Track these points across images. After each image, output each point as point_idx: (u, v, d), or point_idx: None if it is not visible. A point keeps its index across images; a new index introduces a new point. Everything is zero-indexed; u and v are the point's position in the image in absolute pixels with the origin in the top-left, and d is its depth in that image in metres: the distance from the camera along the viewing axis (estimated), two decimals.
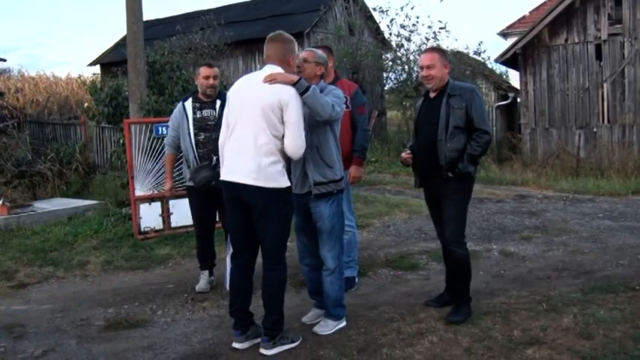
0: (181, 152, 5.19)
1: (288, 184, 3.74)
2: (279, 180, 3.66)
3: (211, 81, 5.02)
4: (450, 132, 4.10)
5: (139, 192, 7.25)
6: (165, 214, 7.32)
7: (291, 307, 4.67)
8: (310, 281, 4.31)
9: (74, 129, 13.19)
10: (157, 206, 7.31)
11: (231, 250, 4.11)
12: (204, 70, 5.07)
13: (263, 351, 3.78)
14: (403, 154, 4.41)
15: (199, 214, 5.17)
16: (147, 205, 7.26)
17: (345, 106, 4.26)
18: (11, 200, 8.80)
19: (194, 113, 5.04)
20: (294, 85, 3.63)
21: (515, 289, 4.89)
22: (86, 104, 15.03)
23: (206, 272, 5.23)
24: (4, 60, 15.10)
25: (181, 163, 5.42)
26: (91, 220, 7.93)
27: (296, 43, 3.94)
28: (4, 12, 68.01)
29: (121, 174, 9.61)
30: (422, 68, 4.24)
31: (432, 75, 4.18)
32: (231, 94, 3.84)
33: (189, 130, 5.00)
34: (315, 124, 3.84)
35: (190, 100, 5.12)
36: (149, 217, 7.25)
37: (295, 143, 3.64)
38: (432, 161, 4.15)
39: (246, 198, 3.66)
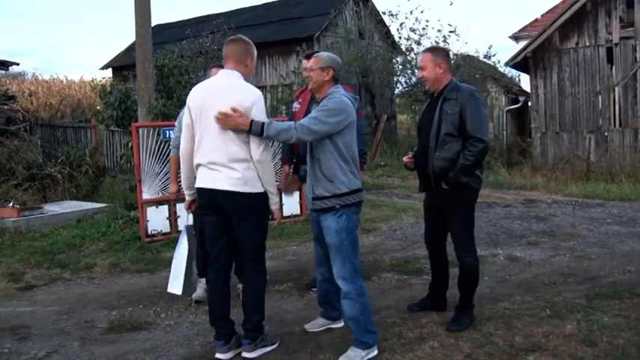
0: None
1: (263, 189, 3.75)
2: (255, 185, 3.68)
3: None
4: (441, 139, 3.94)
5: (147, 195, 7.29)
6: (173, 218, 7.35)
7: (293, 310, 4.70)
8: (320, 290, 4.24)
9: (85, 132, 13.30)
10: (164, 209, 7.35)
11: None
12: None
13: (245, 354, 3.80)
14: (405, 158, 4.37)
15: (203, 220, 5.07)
16: (154, 208, 7.30)
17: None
18: (21, 203, 8.88)
19: None
20: (248, 132, 3.56)
21: (520, 294, 4.86)
22: (98, 107, 15.17)
23: (203, 280, 5.06)
24: (17, 64, 15.22)
25: None
26: (100, 222, 7.98)
27: (254, 48, 3.85)
28: (20, 16, 68.72)
29: (130, 177, 9.66)
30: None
31: (424, 76, 4.10)
32: (192, 102, 3.75)
33: None
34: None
35: None
36: (156, 220, 7.28)
37: (256, 149, 3.62)
38: (426, 169, 4.07)
39: (225, 204, 3.66)
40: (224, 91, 3.64)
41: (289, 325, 4.36)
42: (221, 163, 3.63)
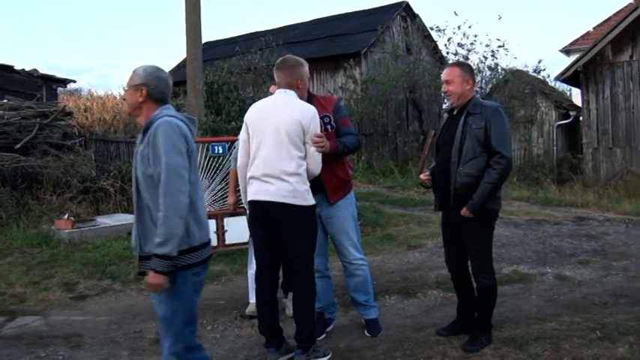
0: None
1: (314, 202, 3.87)
2: (307, 198, 3.82)
3: None
4: (465, 154, 3.87)
5: None
6: (220, 232, 7.46)
7: (338, 325, 4.70)
8: None
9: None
10: (211, 223, 7.44)
11: (253, 267, 4.21)
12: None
13: None
14: (422, 175, 4.30)
15: None
16: None
17: (330, 126, 4.16)
18: (76, 215, 9.17)
19: None
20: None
21: (569, 314, 4.75)
22: None
23: None
24: (75, 81, 15.86)
25: None
26: None
27: (305, 66, 4.03)
28: (79, 35, 71.32)
29: None
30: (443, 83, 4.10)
31: (450, 90, 4.01)
32: (250, 118, 3.96)
33: None
34: (141, 177, 2.87)
35: None
36: None
37: (318, 161, 3.88)
38: (446, 185, 3.99)
39: (277, 216, 3.79)
40: (283, 107, 3.85)
41: (333, 341, 4.38)
42: (274, 176, 3.77)
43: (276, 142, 3.77)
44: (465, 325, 4.30)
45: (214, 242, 7.36)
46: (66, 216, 8.72)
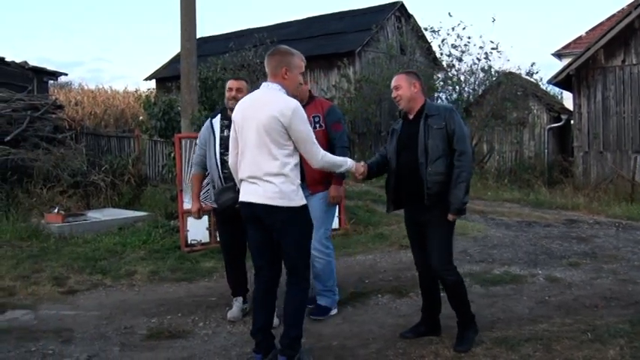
0: (208, 172, 5.01)
1: (304, 202, 3.75)
2: (295, 199, 3.67)
3: (233, 93, 4.75)
4: (431, 154, 4.00)
5: (187, 205, 7.37)
6: (212, 228, 7.43)
7: (331, 324, 4.70)
8: None
9: (128, 142, 13.59)
10: (204, 220, 7.41)
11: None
12: (229, 83, 4.91)
13: None
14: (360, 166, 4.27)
15: (226, 238, 5.01)
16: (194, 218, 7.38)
17: (318, 125, 4.44)
18: (66, 209, 9.11)
19: (221, 131, 4.80)
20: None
21: (560, 316, 4.77)
22: (141, 117, 15.48)
23: (240, 299, 4.99)
24: (66, 74, 15.69)
25: (208, 183, 5.25)
26: (140, 231, 8.13)
27: (297, 56, 3.83)
28: (70, 29, 70.83)
29: (171, 187, 9.83)
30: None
31: (399, 95, 4.16)
32: (235, 116, 3.84)
33: (215, 148, 4.80)
34: None
35: (219, 117, 4.90)
36: (196, 230, 7.38)
37: (312, 156, 3.73)
38: (414, 186, 4.05)
39: (266, 219, 3.68)
40: (263, 105, 3.68)
41: (326, 340, 4.38)
42: (259, 177, 3.66)
43: (258, 142, 3.64)
44: (430, 328, 4.36)
45: (206, 239, 7.38)
46: (56, 210, 8.67)
